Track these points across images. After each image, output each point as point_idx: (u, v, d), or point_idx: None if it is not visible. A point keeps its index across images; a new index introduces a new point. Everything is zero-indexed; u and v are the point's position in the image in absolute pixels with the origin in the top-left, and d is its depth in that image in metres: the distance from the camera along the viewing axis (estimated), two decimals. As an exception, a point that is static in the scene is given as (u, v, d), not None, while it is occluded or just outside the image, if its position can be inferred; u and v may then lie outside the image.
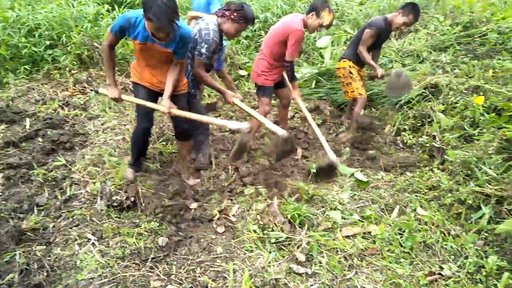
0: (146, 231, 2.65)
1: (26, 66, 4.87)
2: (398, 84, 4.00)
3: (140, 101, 2.97)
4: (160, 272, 2.32)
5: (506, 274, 2.20)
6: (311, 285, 2.29)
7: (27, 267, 2.30)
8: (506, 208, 2.68)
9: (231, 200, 3.07)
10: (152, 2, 2.34)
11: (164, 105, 2.87)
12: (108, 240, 2.55)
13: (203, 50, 3.09)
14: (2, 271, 2.26)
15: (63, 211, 2.83)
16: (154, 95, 3.04)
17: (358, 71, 4.19)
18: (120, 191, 2.90)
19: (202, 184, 3.25)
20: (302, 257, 2.46)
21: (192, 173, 3.41)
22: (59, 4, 5.43)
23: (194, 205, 2.95)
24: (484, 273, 2.32)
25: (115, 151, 3.64)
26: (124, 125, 4.18)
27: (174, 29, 2.56)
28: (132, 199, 2.85)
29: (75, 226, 2.70)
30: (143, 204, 2.92)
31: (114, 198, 2.84)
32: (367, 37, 3.94)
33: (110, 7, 5.77)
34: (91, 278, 2.26)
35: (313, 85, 5.32)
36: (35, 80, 4.84)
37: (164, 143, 3.90)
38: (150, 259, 2.41)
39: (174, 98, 2.99)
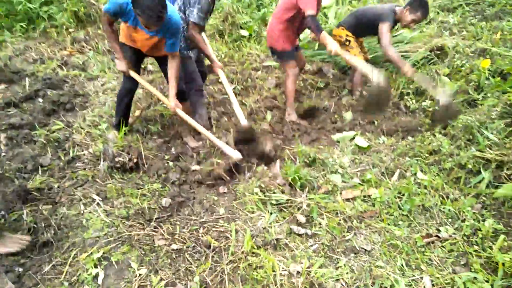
0: (149, 192, 2.69)
1: (22, 24, 4.74)
2: (446, 115, 3.38)
3: (147, 84, 3.07)
4: (164, 232, 2.38)
5: (502, 236, 2.25)
6: (311, 245, 2.36)
7: (35, 225, 2.35)
8: (505, 173, 2.70)
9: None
10: None
11: (170, 103, 3.01)
12: (113, 200, 2.60)
13: (196, 11, 3.01)
14: (11, 228, 2.32)
15: (67, 171, 2.86)
16: (142, 55, 3.11)
17: (356, 40, 4.07)
18: (122, 153, 2.92)
19: (204, 146, 3.26)
20: (302, 219, 2.52)
21: (193, 135, 3.41)
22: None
23: (196, 167, 2.98)
24: (480, 236, 2.38)
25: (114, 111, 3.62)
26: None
27: (162, 21, 2.54)
28: (135, 160, 2.87)
29: (80, 186, 2.74)
30: (146, 166, 2.95)
31: (116, 159, 2.86)
32: (386, 31, 3.63)
33: (106, -39, 5.53)
34: (97, 237, 2.33)
35: (316, 47, 5.19)
36: (31, 38, 4.74)
37: (164, 105, 3.87)
38: (154, 219, 2.47)
39: (161, 58, 3.09)
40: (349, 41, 4.00)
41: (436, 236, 2.43)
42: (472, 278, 2.08)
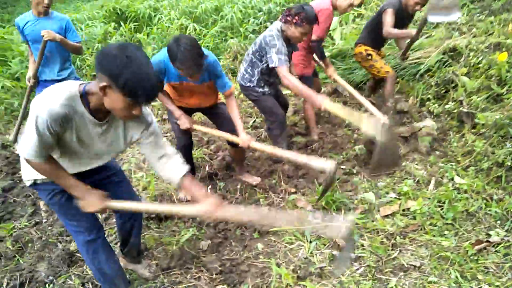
0: (187, 240, 2.70)
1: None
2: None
3: (212, 131, 2.96)
4: (206, 278, 2.37)
5: (558, 232, 2.12)
6: (357, 269, 2.28)
7: (82, 287, 2.40)
8: (548, 165, 2.58)
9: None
10: (176, 50, 2.36)
11: (241, 138, 2.81)
12: (152, 251, 2.62)
13: (274, 54, 2.99)
14: (59, 293, 2.37)
15: (105, 228, 2.93)
16: (190, 113, 3.06)
17: (377, 53, 4.08)
18: (155, 201, 2.97)
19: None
20: (343, 242, 2.45)
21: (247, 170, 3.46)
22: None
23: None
24: (534, 234, 2.25)
25: (143, 163, 3.72)
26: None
27: (201, 68, 2.53)
28: (169, 208, 2.91)
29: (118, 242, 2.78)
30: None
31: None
32: (387, 17, 3.68)
33: (116, 24, 5.88)
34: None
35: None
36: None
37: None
38: (194, 265, 2.47)
39: (210, 109, 3.06)
40: (371, 55, 4.01)
41: (487, 241, 2.31)
42: (536, 281, 1.95)
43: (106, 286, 2.12)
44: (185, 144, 3.06)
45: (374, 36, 3.96)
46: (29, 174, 1.85)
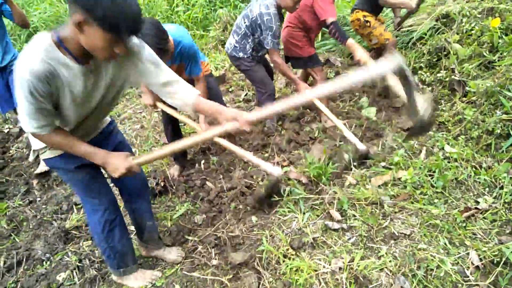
0: (182, 215, 2.73)
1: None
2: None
3: (174, 113, 2.89)
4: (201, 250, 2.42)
5: (544, 198, 2.18)
6: (349, 238, 2.33)
7: (79, 263, 2.43)
8: (537, 132, 2.61)
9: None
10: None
11: (201, 127, 2.80)
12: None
13: (270, 38, 3.05)
14: (58, 269, 2.41)
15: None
16: None
17: (376, 19, 3.95)
18: (149, 178, 2.98)
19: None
20: (336, 214, 2.50)
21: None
22: (51, 3, 5.38)
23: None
24: (521, 200, 2.30)
25: (136, 140, 3.70)
26: (140, 112, 4.22)
27: (168, 49, 2.45)
28: (162, 184, 2.93)
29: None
30: (174, 187, 3.00)
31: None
32: None
33: None
34: (140, 264, 2.38)
35: (319, 39, 5.16)
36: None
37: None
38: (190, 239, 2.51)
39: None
40: (369, 21, 3.88)
41: (476, 208, 2.36)
42: (520, 245, 2.01)
43: (114, 263, 2.12)
44: (170, 116, 2.99)
45: (372, 0, 3.86)
46: (46, 154, 1.77)
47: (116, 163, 1.67)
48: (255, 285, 2.10)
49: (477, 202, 2.41)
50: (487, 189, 2.50)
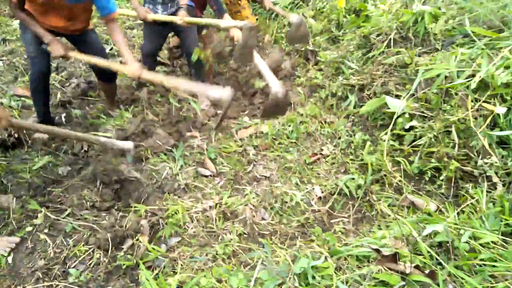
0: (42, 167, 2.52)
1: None
2: (298, 34, 3.81)
3: (94, 58, 2.55)
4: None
5: (368, 143, 2.76)
6: (218, 182, 2.56)
7: None
8: (366, 94, 3.22)
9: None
10: None
11: (132, 68, 2.44)
12: (1, 179, 2.38)
13: None
14: None
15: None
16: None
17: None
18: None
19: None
20: (210, 164, 2.67)
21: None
22: None
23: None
24: (353, 147, 2.87)
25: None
26: None
27: None
28: (16, 136, 2.63)
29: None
30: (30, 141, 2.73)
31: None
32: None
33: None
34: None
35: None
36: None
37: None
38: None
39: (80, 37, 2.72)
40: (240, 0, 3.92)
41: (321, 154, 2.85)
42: (350, 179, 2.54)
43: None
44: (43, 70, 2.67)
45: None
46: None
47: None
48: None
49: (322, 149, 2.90)
50: (329, 139, 3.02)
